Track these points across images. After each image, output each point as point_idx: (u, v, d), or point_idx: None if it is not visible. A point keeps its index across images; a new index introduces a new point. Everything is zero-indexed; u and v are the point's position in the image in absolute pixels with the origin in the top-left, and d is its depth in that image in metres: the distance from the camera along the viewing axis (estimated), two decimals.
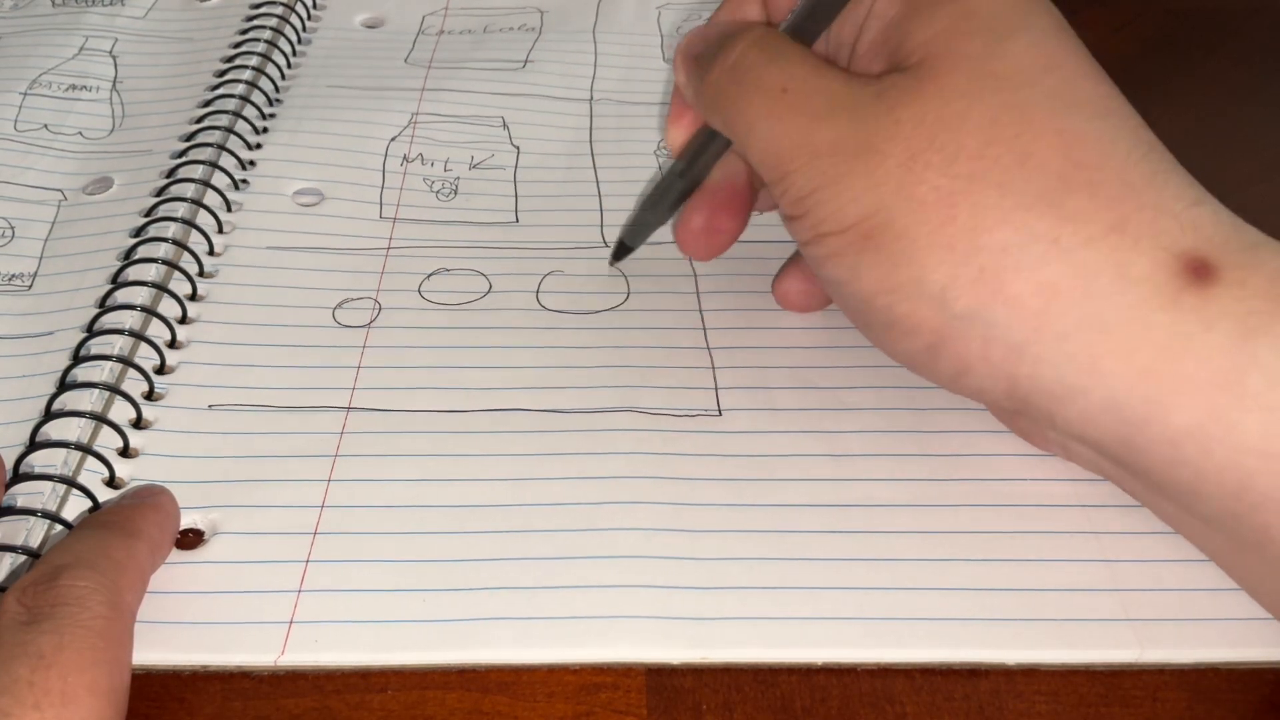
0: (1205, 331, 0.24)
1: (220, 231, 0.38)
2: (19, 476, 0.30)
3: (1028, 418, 0.27)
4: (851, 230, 0.26)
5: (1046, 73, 0.26)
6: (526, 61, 0.47)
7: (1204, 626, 0.27)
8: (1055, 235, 0.25)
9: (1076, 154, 0.25)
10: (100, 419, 0.31)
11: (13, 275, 0.37)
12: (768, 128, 0.28)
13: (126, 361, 0.33)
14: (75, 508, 0.29)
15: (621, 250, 0.37)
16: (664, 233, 0.36)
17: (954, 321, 0.26)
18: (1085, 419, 0.26)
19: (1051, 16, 0.28)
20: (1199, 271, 0.24)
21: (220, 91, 0.43)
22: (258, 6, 0.48)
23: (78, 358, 0.33)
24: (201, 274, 0.36)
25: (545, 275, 0.37)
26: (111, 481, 0.30)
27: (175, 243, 0.37)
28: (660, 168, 0.41)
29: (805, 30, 0.30)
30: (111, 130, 0.43)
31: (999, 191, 0.25)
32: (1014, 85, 0.26)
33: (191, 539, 0.29)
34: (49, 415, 0.31)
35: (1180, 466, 0.25)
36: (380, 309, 0.36)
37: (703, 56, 0.30)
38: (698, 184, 0.33)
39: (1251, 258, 0.25)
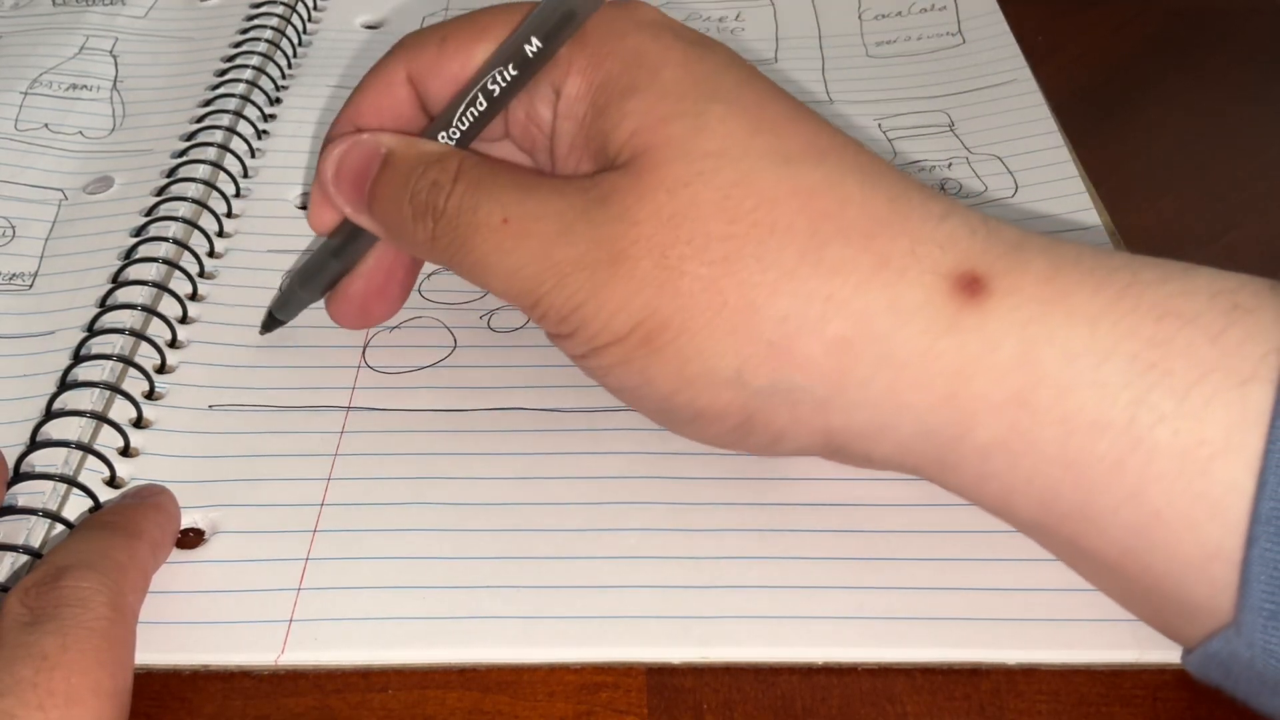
0: (991, 352, 0.24)
1: (221, 234, 0.38)
2: (20, 476, 0.30)
3: (848, 458, 0.28)
4: (628, 338, 0.26)
5: (754, 135, 0.26)
6: None
7: None
8: (827, 292, 0.25)
9: (817, 207, 0.25)
10: (101, 418, 0.31)
11: (13, 275, 0.37)
12: (502, 263, 0.27)
13: (127, 361, 0.33)
14: (76, 507, 0.29)
15: (272, 322, 0.34)
16: None
17: (757, 398, 0.26)
18: (901, 450, 0.26)
19: (734, 70, 0.27)
20: (969, 287, 0.24)
21: (221, 91, 0.43)
22: (258, 6, 0.48)
23: (78, 357, 0.33)
24: (202, 274, 0.36)
25: None
26: (112, 481, 0.30)
27: (176, 242, 0.37)
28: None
29: (468, 139, 0.29)
30: (112, 130, 0.43)
31: (759, 265, 0.25)
32: (730, 159, 0.26)
33: (192, 538, 0.29)
34: (50, 414, 0.31)
35: (990, 480, 0.25)
36: None
37: (387, 195, 0.29)
38: (352, 265, 0.32)
39: (1016, 260, 0.25)
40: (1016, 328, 0.24)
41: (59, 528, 0.29)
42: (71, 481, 0.29)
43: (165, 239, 0.37)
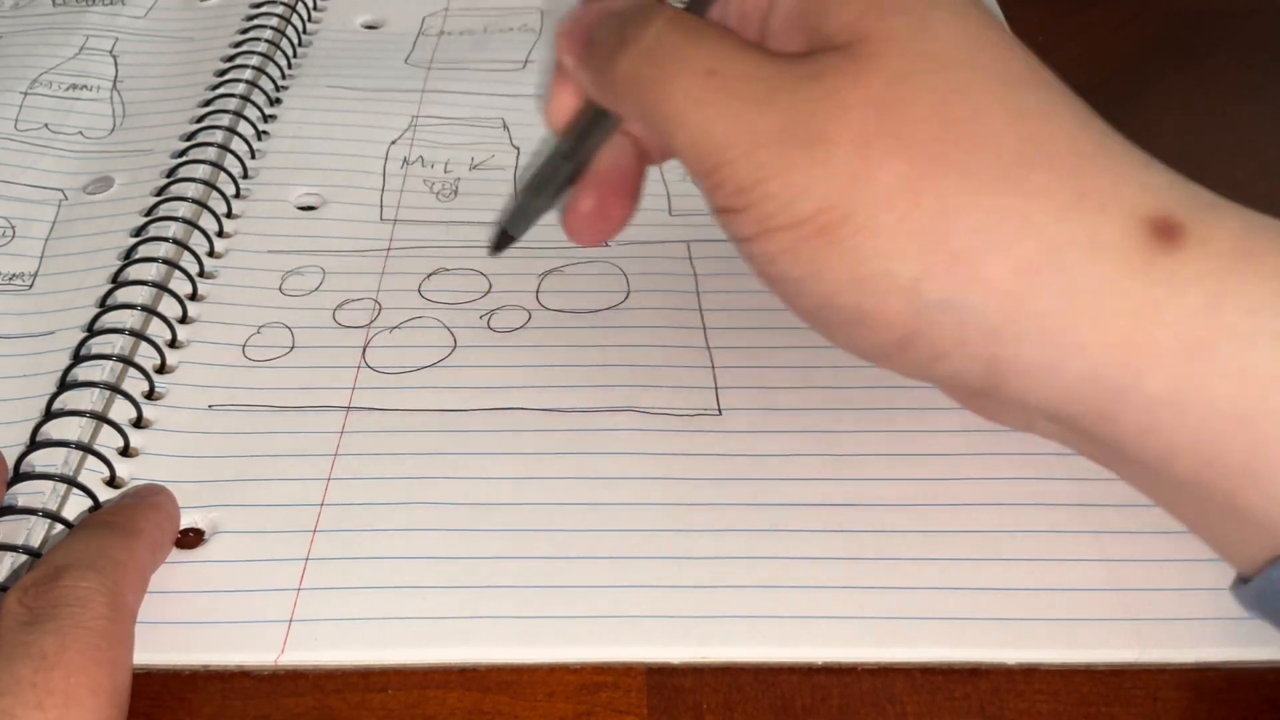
0: (1177, 297, 0.24)
1: (221, 234, 0.38)
2: (20, 476, 0.30)
3: (996, 399, 0.27)
4: (807, 224, 0.25)
5: (979, 49, 0.26)
6: (527, 62, 0.47)
7: (1204, 626, 0.27)
8: (1025, 212, 0.24)
9: (1028, 130, 0.25)
10: (101, 418, 0.31)
11: (13, 275, 0.37)
12: (699, 115, 0.26)
13: (127, 361, 0.33)
14: (76, 507, 0.29)
15: (503, 239, 0.33)
16: (650, 232, 0.36)
17: (928, 311, 0.25)
18: (1064, 394, 0.25)
19: None
20: (1167, 232, 0.24)
21: (221, 91, 0.43)
22: (258, 6, 0.48)
23: (78, 357, 0.33)
24: (202, 274, 0.36)
25: (545, 275, 0.37)
26: (112, 481, 0.30)
27: (176, 242, 0.37)
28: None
29: (698, 4, 0.28)
30: (112, 130, 0.43)
31: (962, 174, 0.25)
32: (952, 65, 0.25)
33: (192, 538, 0.29)
34: (49, 414, 0.31)
35: (1153, 435, 0.25)
36: (380, 309, 0.36)
37: (600, 39, 0.28)
38: (584, 166, 0.31)
39: (1213, 214, 0.24)
40: (1205, 277, 0.24)
41: (59, 528, 0.29)
42: (71, 481, 0.29)
43: (165, 239, 0.37)
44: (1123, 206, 0.24)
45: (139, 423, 0.32)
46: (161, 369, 0.33)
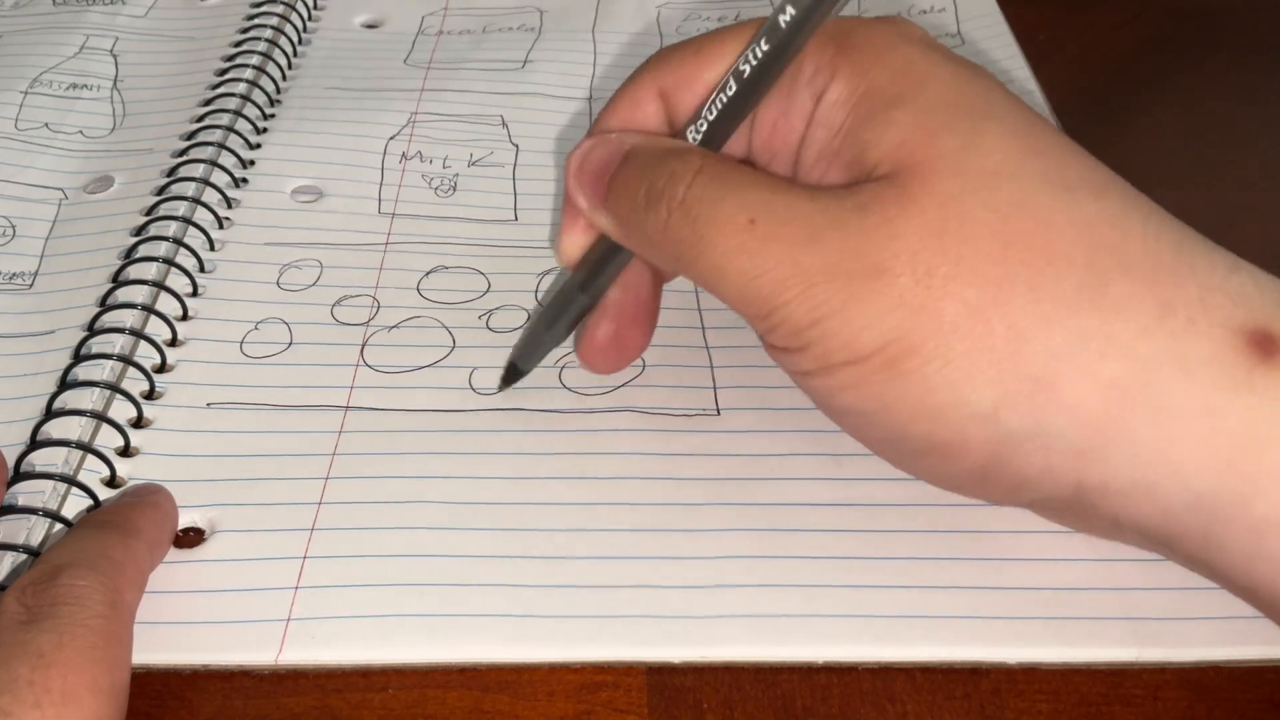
0: None
1: (220, 229, 0.38)
2: (20, 475, 0.30)
3: (1087, 518, 0.26)
4: (873, 359, 0.24)
5: (1031, 157, 0.24)
6: (526, 61, 0.47)
7: (1204, 625, 0.27)
8: (1107, 331, 0.23)
9: (1098, 238, 0.23)
10: (101, 418, 0.31)
11: (13, 274, 0.37)
12: (743, 265, 0.25)
13: (127, 360, 0.33)
14: (75, 506, 0.29)
15: (513, 374, 0.32)
16: None
17: (1009, 439, 0.24)
18: (1162, 515, 0.24)
19: (1005, 93, 0.26)
20: (1264, 346, 0.23)
21: (221, 91, 0.43)
22: (258, 6, 0.48)
23: (78, 356, 0.33)
24: (201, 270, 0.36)
25: (544, 274, 0.37)
26: (112, 480, 0.30)
27: (176, 241, 0.37)
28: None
29: (717, 136, 0.27)
30: (112, 129, 0.43)
31: (1033, 294, 0.23)
32: (1008, 178, 0.24)
33: (192, 538, 0.29)
34: (50, 414, 0.31)
35: (1263, 561, 0.23)
36: (379, 307, 0.36)
37: (625, 189, 0.27)
38: (599, 298, 0.30)
39: None
40: None
41: (59, 527, 0.29)
42: (71, 481, 0.29)
43: (165, 238, 0.37)
44: (1213, 318, 0.23)
45: (139, 422, 0.32)
46: (161, 368, 0.33)
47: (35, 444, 0.30)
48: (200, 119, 0.42)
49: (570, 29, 0.49)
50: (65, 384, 0.32)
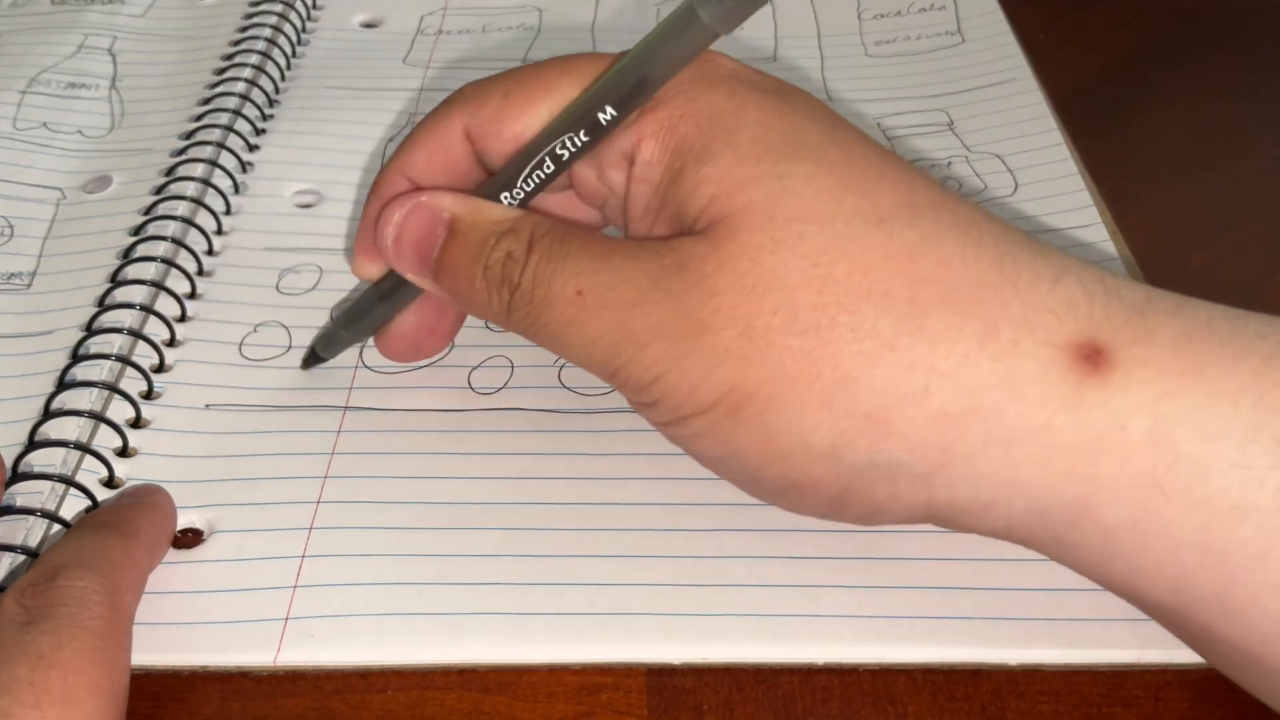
0: (1118, 430, 0.22)
1: (219, 231, 0.38)
2: (18, 476, 0.30)
3: (950, 526, 0.26)
4: (715, 409, 0.25)
5: (842, 195, 0.24)
6: (525, 61, 0.47)
7: None
8: (929, 363, 0.23)
9: (915, 270, 0.24)
10: (99, 418, 0.31)
11: (12, 274, 0.37)
12: (577, 334, 0.26)
13: (125, 360, 0.33)
14: (74, 507, 0.29)
15: (313, 359, 0.33)
16: None
17: (853, 472, 0.24)
18: (1011, 526, 0.25)
19: (817, 122, 0.26)
20: (1092, 358, 0.23)
21: (219, 90, 0.43)
22: (257, 5, 0.48)
23: (76, 356, 0.33)
24: (200, 273, 0.36)
25: None
26: (110, 481, 0.30)
27: (174, 241, 0.37)
28: None
29: (531, 200, 0.28)
30: (111, 128, 0.43)
31: (854, 334, 0.23)
32: (817, 223, 0.24)
33: (190, 538, 0.29)
34: (48, 414, 0.31)
35: (1116, 561, 0.24)
36: None
37: (454, 268, 0.27)
38: (401, 309, 0.31)
39: (1142, 328, 0.23)
40: (1147, 404, 0.22)
41: (57, 528, 0.29)
42: (70, 481, 0.29)
43: (164, 238, 0.36)
44: (1037, 337, 0.23)
45: (137, 422, 0.32)
46: (160, 368, 0.33)
47: (33, 444, 0.30)
48: (199, 118, 0.42)
49: (570, 28, 0.49)
50: (63, 384, 0.32)
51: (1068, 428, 0.23)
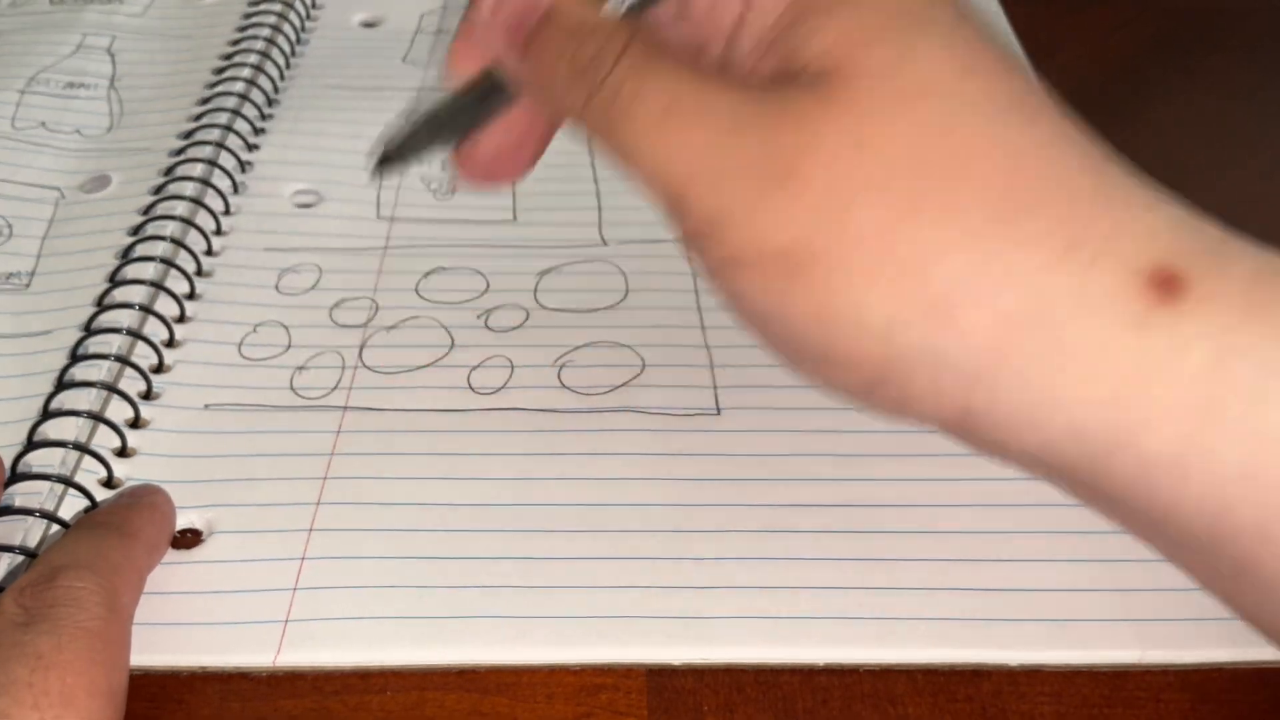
0: (1180, 355, 0.22)
1: (218, 232, 0.38)
2: (17, 476, 0.29)
3: (974, 441, 0.26)
4: (775, 261, 0.24)
5: (966, 76, 0.24)
6: None
7: (1205, 626, 0.27)
8: (1009, 262, 0.23)
9: (1016, 168, 0.23)
10: (98, 418, 0.31)
11: (10, 274, 0.37)
12: (655, 149, 0.25)
13: (124, 361, 0.33)
14: (73, 507, 0.29)
15: (387, 162, 0.29)
16: (649, 230, 0.36)
17: (901, 356, 0.24)
18: (1046, 447, 0.24)
19: (949, 6, 0.25)
20: (1167, 285, 0.23)
21: (219, 89, 0.43)
22: (256, 4, 0.48)
23: (75, 357, 0.33)
24: (199, 273, 0.36)
25: (543, 274, 0.37)
26: (109, 481, 0.30)
27: (173, 241, 0.36)
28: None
29: (644, 6, 0.26)
30: (109, 128, 0.43)
31: (941, 218, 0.23)
32: (934, 95, 0.24)
33: (190, 539, 0.29)
34: (47, 414, 0.31)
35: (1153, 492, 0.23)
36: (377, 308, 0.35)
37: (546, 58, 0.27)
38: (490, 115, 0.29)
39: (1218, 261, 0.23)
40: (1212, 334, 0.22)
41: (56, 528, 0.29)
42: (69, 482, 0.29)
43: (163, 238, 0.36)
44: (1118, 257, 0.23)
45: (136, 423, 0.32)
46: (159, 369, 0.33)
47: (32, 445, 0.30)
48: (198, 117, 0.42)
49: None
50: (62, 384, 0.32)
51: (1128, 349, 0.23)
